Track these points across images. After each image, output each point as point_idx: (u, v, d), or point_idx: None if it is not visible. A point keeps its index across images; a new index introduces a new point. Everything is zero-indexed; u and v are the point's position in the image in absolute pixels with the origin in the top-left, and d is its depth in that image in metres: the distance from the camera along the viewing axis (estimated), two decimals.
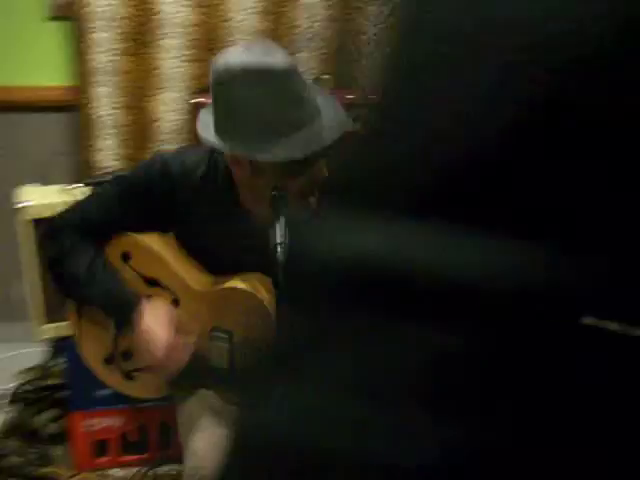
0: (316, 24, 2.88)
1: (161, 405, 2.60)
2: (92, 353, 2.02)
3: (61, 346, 2.69)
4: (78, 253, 1.81)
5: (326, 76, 2.77)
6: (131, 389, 2.04)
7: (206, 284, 1.84)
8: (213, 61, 1.63)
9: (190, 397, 1.95)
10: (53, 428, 2.82)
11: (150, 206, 1.78)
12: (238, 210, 1.74)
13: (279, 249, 1.48)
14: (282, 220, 1.53)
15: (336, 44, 2.92)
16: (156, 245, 1.84)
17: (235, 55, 1.56)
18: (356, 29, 2.87)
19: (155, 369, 1.84)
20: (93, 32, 2.84)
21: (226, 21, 2.86)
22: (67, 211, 1.90)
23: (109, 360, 2.00)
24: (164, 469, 2.64)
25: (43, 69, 3.04)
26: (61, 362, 2.82)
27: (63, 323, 2.51)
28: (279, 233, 1.50)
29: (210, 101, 2.55)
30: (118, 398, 2.58)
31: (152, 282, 1.87)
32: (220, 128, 1.62)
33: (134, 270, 1.87)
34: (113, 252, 1.87)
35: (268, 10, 2.87)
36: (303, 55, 2.90)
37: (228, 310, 1.80)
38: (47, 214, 2.45)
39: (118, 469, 2.65)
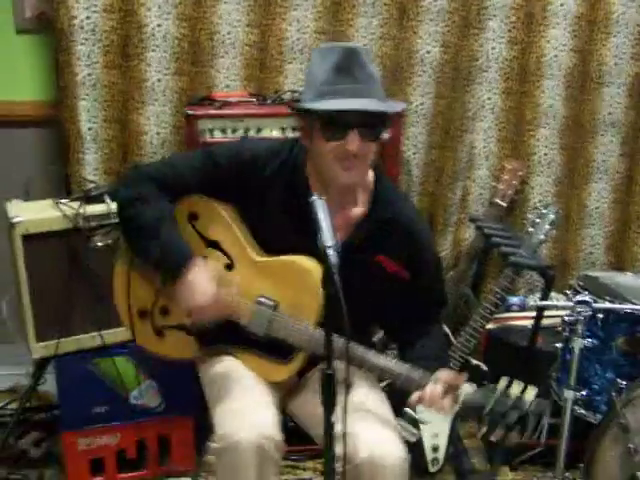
0: (305, 36, 2.91)
1: (159, 418, 2.60)
2: (127, 303, 2.04)
3: (43, 365, 2.63)
4: (151, 204, 1.90)
5: None
6: (159, 346, 2.05)
7: (263, 255, 1.94)
8: None
9: (218, 359, 1.98)
10: (38, 451, 2.75)
11: (232, 179, 1.91)
12: (307, 197, 1.76)
13: (330, 252, 1.50)
14: (327, 223, 1.56)
15: None
16: (224, 212, 1.96)
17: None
18: (347, 41, 2.92)
19: (192, 315, 1.90)
20: (74, 45, 2.80)
21: (211, 34, 2.86)
22: (152, 163, 2.08)
23: (143, 314, 2.03)
24: None
25: (18, 84, 2.99)
26: (41, 383, 2.74)
27: (52, 342, 2.47)
28: (328, 235, 1.53)
29: (208, 112, 2.61)
30: (114, 414, 2.56)
31: (211, 243, 1.97)
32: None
33: (196, 230, 1.97)
34: (182, 209, 1.97)
35: (255, 23, 2.88)
36: (292, 67, 2.93)
37: (280, 281, 1.90)
38: (38, 230, 2.42)
39: None
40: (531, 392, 1.74)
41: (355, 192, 1.94)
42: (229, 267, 1.96)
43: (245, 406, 1.81)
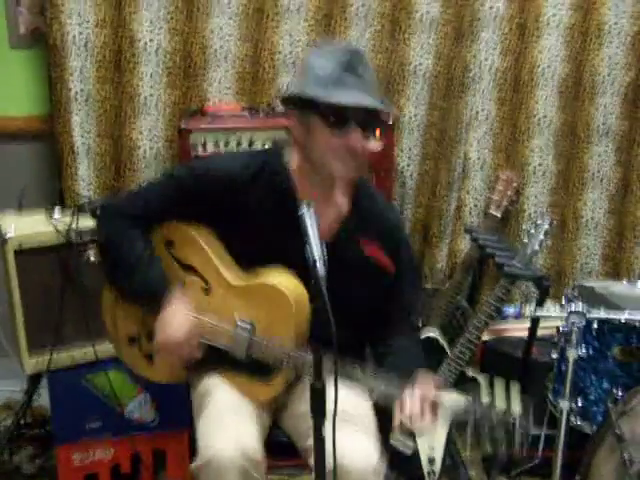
0: (297, 49, 2.92)
1: (153, 432, 2.59)
2: (117, 331, 2.06)
3: (37, 380, 2.62)
4: (127, 241, 1.91)
5: None
6: (150, 371, 2.06)
7: (239, 277, 1.94)
8: None
9: (206, 377, 1.97)
10: (32, 467, 2.73)
11: (205, 198, 1.90)
12: (292, 202, 1.78)
13: (318, 265, 1.50)
14: (315, 235, 1.56)
15: None
16: (199, 236, 1.95)
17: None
18: None
19: (170, 352, 1.89)
20: (67, 60, 2.81)
21: (204, 48, 2.87)
22: (122, 198, 2.06)
23: (132, 340, 2.05)
24: None
25: (12, 99, 2.99)
26: (35, 399, 2.73)
27: (45, 357, 2.46)
28: (315, 248, 1.53)
29: (201, 126, 2.61)
30: (109, 429, 2.55)
31: (188, 268, 1.98)
32: (293, 88, 1.92)
33: (173, 256, 1.98)
34: (158, 237, 1.98)
35: (247, 36, 2.89)
36: (284, 80, 2.93)
37: (254, 303, 1.89)
38: (31, 245, 2.41)
39: None
40: (516, 403, 1.73)
41: (341, 186, 1.95)
42: (207, 291, 1.95)
43: (223, 422, 1.81)
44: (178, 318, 1.86)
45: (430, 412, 1.76)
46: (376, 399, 1.84)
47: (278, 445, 2.00)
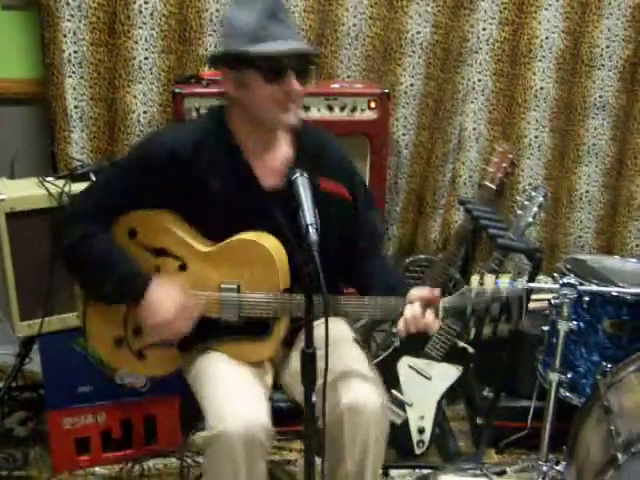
0: (294, 14, 2.87)
1: (144, 398, 2.59)
2: (102, 338, 2.03)
3: (29, 345, 2.62)
4: (93, 241, 1.87)
5: None
6: (144, 368, 2.05)
7: (211, 245, 1.93)
8: None
9: (200, 357, 1.97)
10: (23, 430, 2.74)
11: (155, 182, 1.87)
12: (241, 163, 1.84)
13: (311, 230, 1.49)
14: (309, 201, 1.55)
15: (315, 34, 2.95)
16: (159, 218, 1.93)
17: None
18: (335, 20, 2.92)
19: (165, 333, 1.88)
20: (60, 21, 2.77)
21: (200, 12, 2.84)
22: (78, 200, 1.99)
23: (119, 342, 2.01)
24: (150, 464, 2.61)
25: (3, 61, 2.96)
26: (26, 362, 2.74)
27: (37, 320, 2.46)
28: (308, 214, 1.52)
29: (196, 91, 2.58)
30: (100, 394, 2.55)
31: (159, 252, 1.95)
32: (219, 45, 1.90)
33: (141, 244, 1.95)
34: (120, 230, 1.94)
35: None
36: None
37: (234, 263, 1.88)
38: (22, 207, 2.40)
39: (100, 468, 2.59)
40: (505, 279, 1.77)
41: (284, 135, 1.96)
42: (183, 268, 1.94)
43: (232, 393, 1.81)
44: (164, 299, 1.85)
45: (431, 313, 1.79)
46: (378, 315, 1.88)
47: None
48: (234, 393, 1.81)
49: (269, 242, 1.85)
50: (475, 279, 1.78)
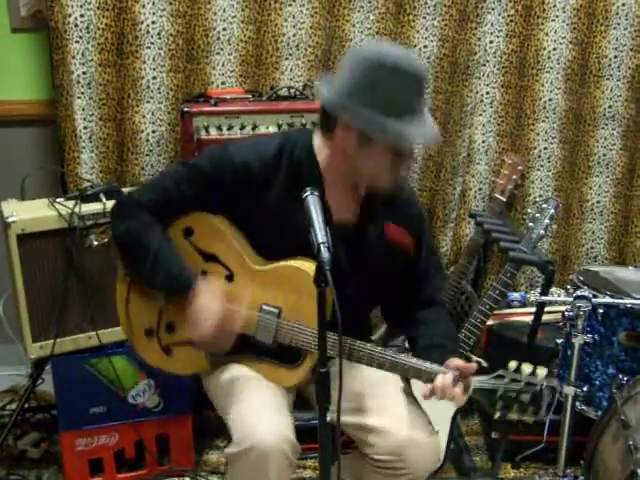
0: (301, 32, 2.89)
1: (157, 417, 2.59)
2: (134, 323, 2.02)
3: (41, 366, 2.62)
4: (147, 233, 1.89)
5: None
6: (169, 364, 2.03)
7: (262, 263, 1.93)
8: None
9: (226, 367, 1.96)
10: (36, 451, 2.73)
11: (224, 187, 1.87)
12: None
13: (322, 248, 1.49)
14: (320, 219, 1.55)
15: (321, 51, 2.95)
16: (219, 223, 1.93)
17: (385, 48, 1.81)
18: (342, 36, 2.92)
19: (205, 343, 1.87)
20: (69, 43, 2.78)
21: (207, 30, 2.84)
22: (138, 190, 2.00)
23: (149, 333, 2.01)
24: None
25: (13, 83, 2.98)
26: (39, 384, 2.73)
27: (49, 342, 2.46)
28: (319, 233, 1.52)
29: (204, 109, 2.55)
30: (112, 414, 2.55)
31: (210, 257, 1.95)
32: (355, 100, 1.76)
33: (193, 245, 1.95)
34: (177, 226, 1.95)
35: (251, 19, 2.87)
36: (288, 63, 2.91)
37: (281, 288, 1.88)
38: (33, 229, 2.40)
39: None
40: (542, 372, 1.76)
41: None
42: (229, 278, 1.94)
43: (259, 409, 1.80)
44: (208, 310, 1.83)
45: (462, 385, 1.77)
46: (409, 376, 1.87)
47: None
48: (263, 408, 1.80)
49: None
50: (512, 365, 1.77)
